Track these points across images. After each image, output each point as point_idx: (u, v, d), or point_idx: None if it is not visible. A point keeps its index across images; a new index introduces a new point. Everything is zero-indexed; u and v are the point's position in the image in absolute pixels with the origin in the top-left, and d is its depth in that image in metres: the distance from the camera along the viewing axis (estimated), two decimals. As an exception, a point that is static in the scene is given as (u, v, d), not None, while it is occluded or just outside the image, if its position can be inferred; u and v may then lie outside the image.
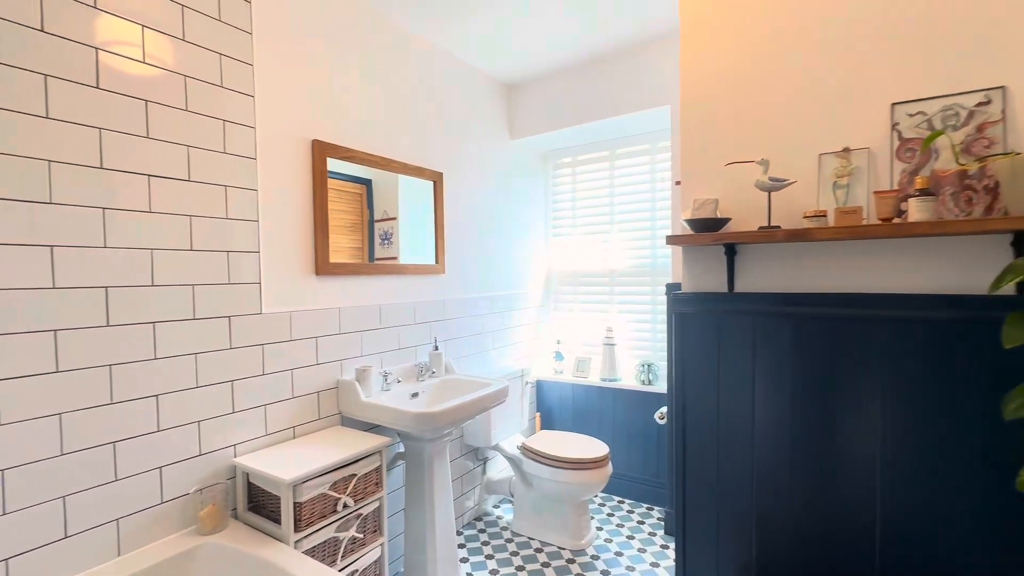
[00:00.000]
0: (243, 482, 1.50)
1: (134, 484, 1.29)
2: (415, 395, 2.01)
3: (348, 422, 1.87)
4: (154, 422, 1.33)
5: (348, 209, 1.93)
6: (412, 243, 2.20)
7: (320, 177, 1.77)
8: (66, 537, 1.17)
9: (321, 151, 1.77)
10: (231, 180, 1.51)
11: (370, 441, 1.64)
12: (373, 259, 2.03)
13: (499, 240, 2.81)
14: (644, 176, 2.90)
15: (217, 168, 1.47)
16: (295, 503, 1.38)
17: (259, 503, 1.48)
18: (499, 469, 2.77)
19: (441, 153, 2.37)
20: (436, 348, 2.23)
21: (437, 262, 2.34)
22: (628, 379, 2.88)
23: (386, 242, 2.09)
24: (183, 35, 1.39)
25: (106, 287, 1.24)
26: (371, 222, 2.03)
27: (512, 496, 2.57)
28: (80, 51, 1.19)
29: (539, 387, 3.16)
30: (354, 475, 1.54)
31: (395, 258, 2.12)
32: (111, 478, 1.24)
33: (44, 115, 1.14)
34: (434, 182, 2.32)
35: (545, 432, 2.63)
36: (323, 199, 1.78)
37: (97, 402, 1.22)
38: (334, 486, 1.48)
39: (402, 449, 1.95)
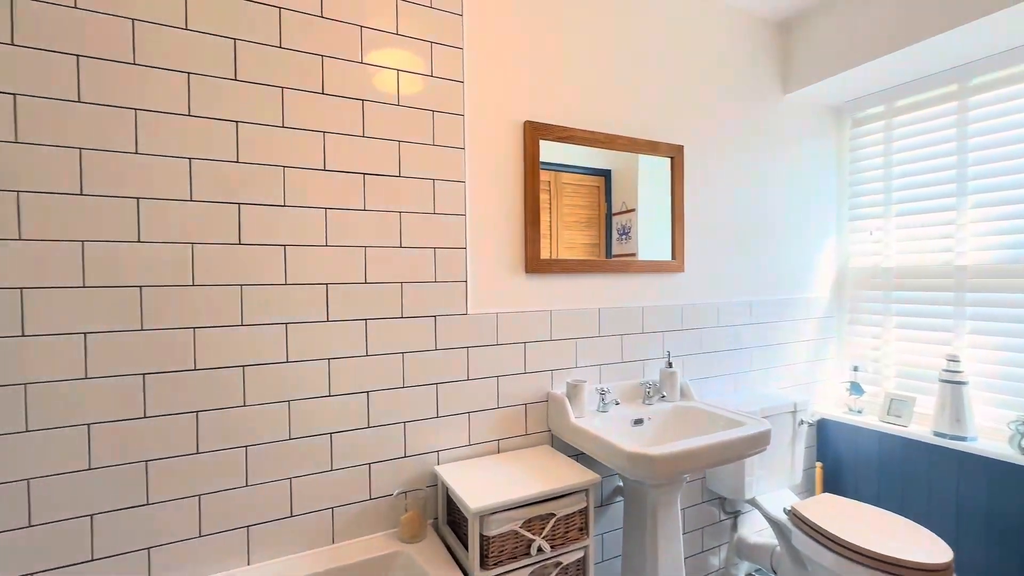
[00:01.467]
0: (443, 493, 1.42)
1: (347, 476, 1.32)
2: (638, 421, 1.63)
3: (559, 443, 1.62)
4: (365, 418, 1.34)
5: (584, 203, 1.71)
6: (648, 236, 1.83)
7: (531, 163, 1.57)
8: (291, 516, 1.26)
9: (533, 133, 1.57)
10: (439, 173, 1.43)
11: (575, 476, 1.34)
12: (610, 256, 1.77)
13: (762, 229, 2.14)
14: (1037, 111, 1.75)
15: (426, 161, 1.41)
16: (482, 535, 1.20)
17: (456, 519, 1.36)
18: (757, 529, 2.11)
19: (681, 122, 1.90)
20: (670, 365, 1.78)
21: (674, 258, 1.88)
22: (990, 439, 1.81)
23: (624, 237, 1.79)
24: (396, 29, 1.37)
25: (326, 284, 1.29)
26: (608, 215, 1.76)
27: (775, 573, 1.89)
28: (309, 61, 1.26)
29: (822, 428, 2.31)
30: (552, 515, 1.28)
31: (633, 254, 1.81)
32: (327, 467, 1.30)
33: (280, 124, 1.23)
34: (671, 158, 1.87)
35: (829, 497, 1.85)
36: (535, 188, 1.57)
37: (318, 393, 1.28)
38: (527, 524, 1.24)
39: (621, 482, 1.60)
